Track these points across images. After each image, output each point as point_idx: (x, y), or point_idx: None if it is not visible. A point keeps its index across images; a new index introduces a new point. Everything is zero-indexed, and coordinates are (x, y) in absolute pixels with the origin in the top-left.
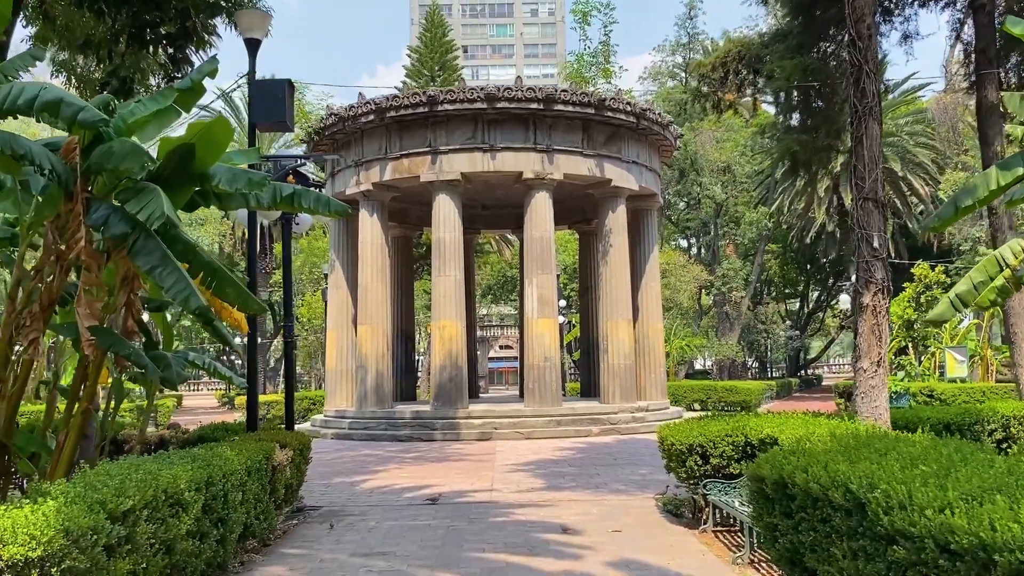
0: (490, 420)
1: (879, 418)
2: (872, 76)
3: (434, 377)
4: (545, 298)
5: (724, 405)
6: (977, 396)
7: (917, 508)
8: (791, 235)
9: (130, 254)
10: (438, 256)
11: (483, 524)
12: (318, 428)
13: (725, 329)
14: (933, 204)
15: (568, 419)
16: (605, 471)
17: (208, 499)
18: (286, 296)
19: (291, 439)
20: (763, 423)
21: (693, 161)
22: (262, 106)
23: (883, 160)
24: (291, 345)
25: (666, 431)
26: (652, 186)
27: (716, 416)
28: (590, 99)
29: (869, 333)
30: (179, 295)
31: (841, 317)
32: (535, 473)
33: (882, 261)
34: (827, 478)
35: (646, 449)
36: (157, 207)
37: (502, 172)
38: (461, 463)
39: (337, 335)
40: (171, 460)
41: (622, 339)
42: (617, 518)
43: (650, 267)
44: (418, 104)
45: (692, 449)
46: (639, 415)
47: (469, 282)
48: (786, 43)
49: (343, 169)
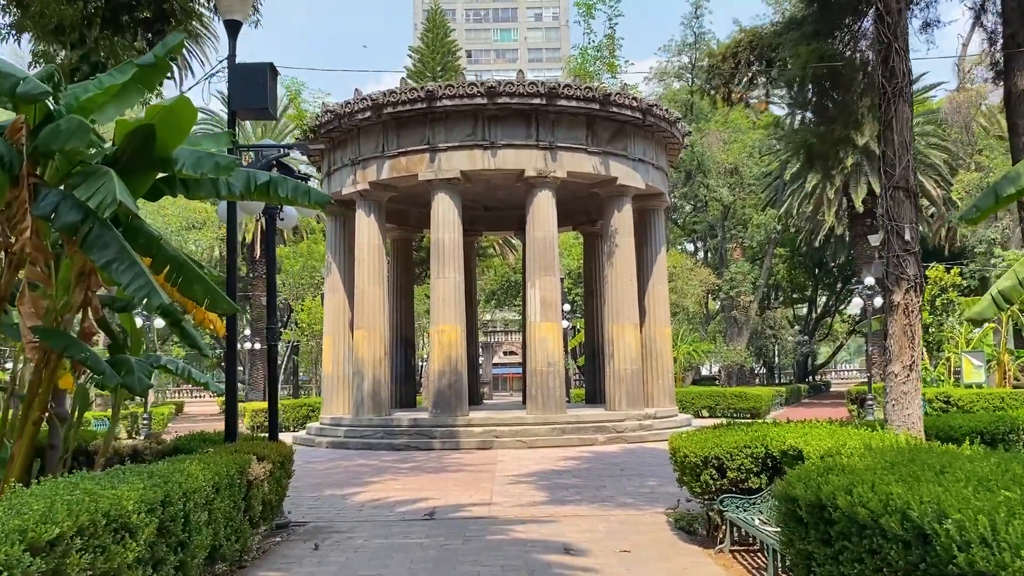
0: (491, 428)
1: (912, 427)
2: (902, 54)
3: (433, 384)
4: (548, 301)
5: (733, 412)
6: (995, 402)
7: (1009, 547)
8: (799, 238)
9: (83, 247)
10: (437, 258)
11: (479, 543)
12: (313, 436)
13: (733, 334)
14: (945, 207)
15: (572, 427)
16: (611, 483)
17: (165, 520)
18: (269, 297)
19: (271, 450)
20: (785, 433)
21: (700, 163)
22: (242, 92)
23: None
24: (274, 348)
25: (678, 441)
26: (659, 185)
27: (732, 425)
28: (595, 94)
29: (901, 334)
30: (138, 292)
31: (850, 322)
32: (537, 485)
33: (914, 255)
34: (878, 502)
35: (654, 459)
36: (109, 193)
37: (503, 170)
38: (459, 474)
39: (333, 340)
40: (123, 476)
41: (628, 344)
42: (625, 536)
43: (657, 269)
44: (416, 100)
45: (707, 461)
46: (646, 423)
47: (470, 285)
48: (801, 30)
49: (339, 168)
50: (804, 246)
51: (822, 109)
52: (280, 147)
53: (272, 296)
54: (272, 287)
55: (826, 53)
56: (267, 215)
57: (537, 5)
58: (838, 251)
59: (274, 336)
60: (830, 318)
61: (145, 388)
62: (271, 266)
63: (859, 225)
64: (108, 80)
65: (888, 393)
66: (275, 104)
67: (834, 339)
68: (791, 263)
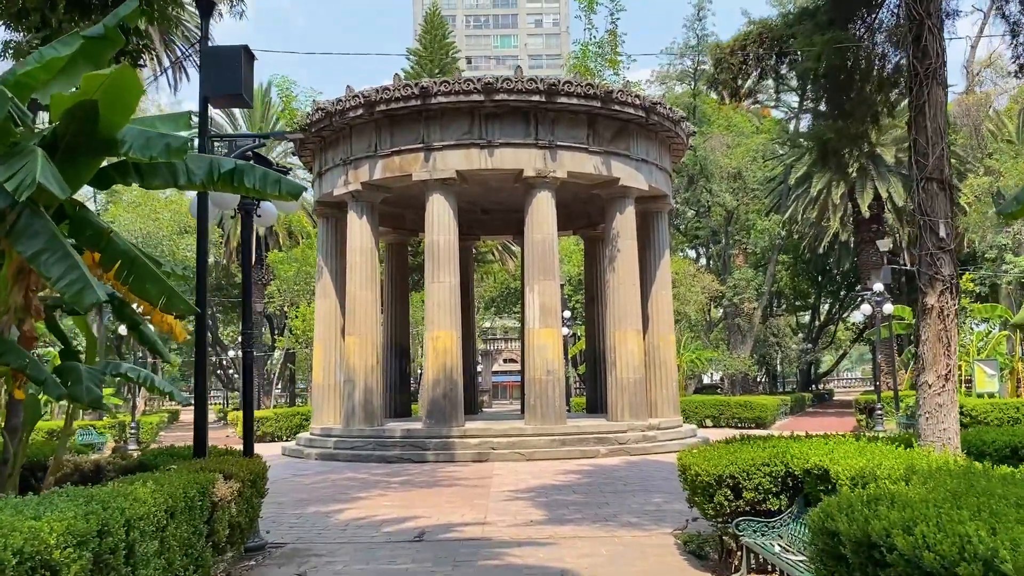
0: (487, 439)
1: (948, 443)
2: (936, 33)
3: (427, 392)
4: (547, 306)
5: (738, 422)
6: (1011, 413)
7: None
8: (803, 245)
9: (9, 236)
10: (432, 261)
11: (470, 569)
12: (303, 447)
13: (736, 342)
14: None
15: (573, 438)
16: (615, 499)
17: (102, 553)
18: (244, 299)
19: (240, 467)
20: (807, 449)
21: (703, 167)
22: (216, 77)
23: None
24: (249, 355)
25: (689, 458)
26: (663, 186)
27: (746, 440)
28: (596, 91)
29: (935, 340)
30: (69, 287)
31: (853, 330)
32: (535, 502)
33: (950, 254)
34: (951, 546)
35: (659, 472)
36: (29, 174)
37: (501, 170)
38: (453, 489)
39: (324, 347)
40: (53, 503)
41: (631, 351)
42: (630, 561)
43: (660, 273)
44: (410, 96)
45: (722, 481)
46: (650, 433)
47: (467, 290)
48: (815, 19)
49: (331, 168)
50: (807, 253)
51: (837, 103)
52: (255, 137)
53: (247, 298)
54: (248, 289)
55: (843, 41)
56: (243, 211)
57: (537, 11)
58: (842, 258)
59: (249, 342)
60: (833, 326)
61: (95, 399)
62: (246, 265)
63: (864, 231)
64: (50, 53)
65: (921, 405)
66: (251, 90)
67: (836, 347)
68: (794, 270)
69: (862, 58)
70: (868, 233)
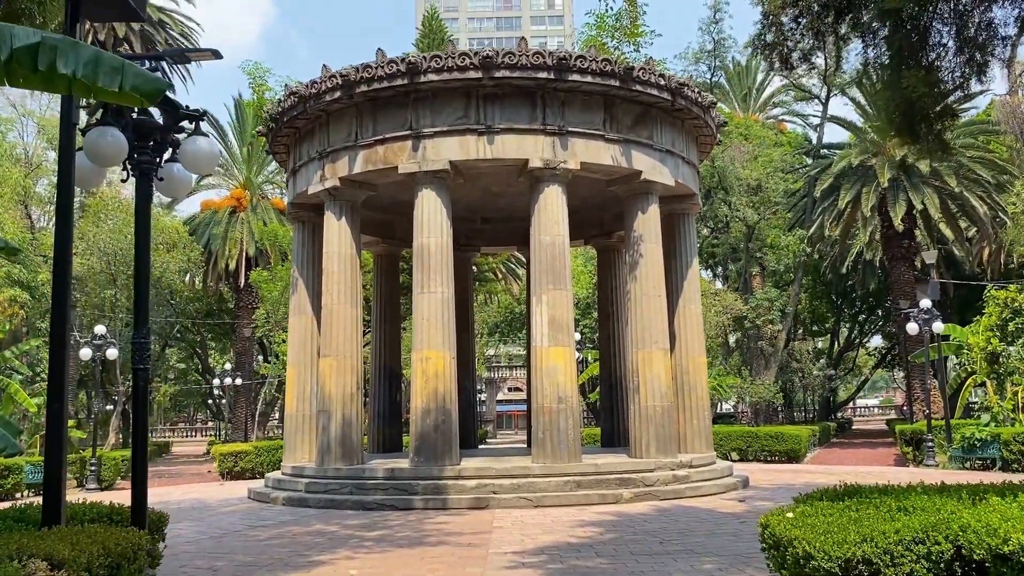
0: (487, 481)
1: None
2: None
3: (416, 424)
4: (558, 320)
5: (767, 455)
6: None
7: None
8: (824, 265)
9: None
10: (420, 268)
11: None
12: (270, 489)
13: (759, 367)
14: (992, 224)
15: (590, 479)
16: (652, 566)
17: None
18: (137, 295)
19: (88, 549)
20: (988, 516)
21: (721, 179)
22: None
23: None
24: (141, 373)
25: (784, 525)
26: (690, 183)
27: (874, 498)
28: (614, 68)
29: None
30: None
31: (875, 355)
32: (546, 570)
33: None
34: None
35: (700, 524)
36: None
37: (502, 160)
38: (440, 549)
39: (298, 372)
40: None
41: (657, 374)
42: None
43: (689, 284)
44: (396, 75)
45: (851, 567)
46: (681, 473)
47: (466, 306)
48: None
49: (305, 163)
50: (829, 273)
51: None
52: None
53: (142, 291)
54: (144, 278)
55: None
56: (138, 168)
57: (540, 15)
58: (866, 277)
59: (143, 356)
60: (853, 351)
61: None
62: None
63: (895, 247)
64: None
65: None
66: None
67: (856, 374)
68: (813, 292)
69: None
70: (899, 249)
